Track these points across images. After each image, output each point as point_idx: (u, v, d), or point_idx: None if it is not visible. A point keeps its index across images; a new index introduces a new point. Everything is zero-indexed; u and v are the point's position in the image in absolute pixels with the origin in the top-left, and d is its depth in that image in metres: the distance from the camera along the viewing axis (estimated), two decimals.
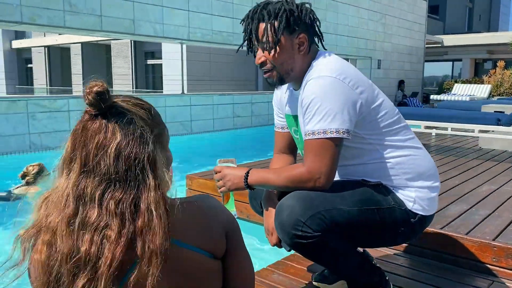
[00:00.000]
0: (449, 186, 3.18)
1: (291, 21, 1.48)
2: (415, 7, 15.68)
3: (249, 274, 1.11)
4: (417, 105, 13.77)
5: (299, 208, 1.39)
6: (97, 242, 0.82)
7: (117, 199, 0.84)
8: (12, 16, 5.98)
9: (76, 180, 0.86)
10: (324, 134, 1.41)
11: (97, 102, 0.85)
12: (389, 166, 1.53)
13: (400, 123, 1.56)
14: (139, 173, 0.86)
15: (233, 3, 8.90)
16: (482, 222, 2.37)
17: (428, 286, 1.94)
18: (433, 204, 1.59)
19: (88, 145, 0.85)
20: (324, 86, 1.42)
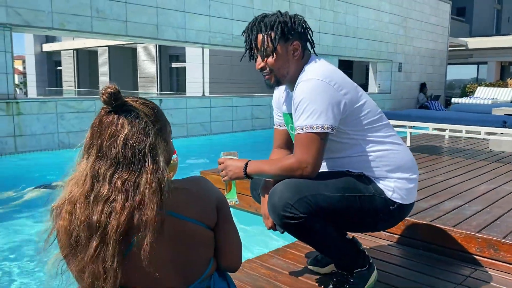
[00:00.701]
0: (449, 184, 3.33)
1: (285, 31, 1.70)
2: (438, 10, 15.60)
3: (235, 242, 1.33)
4: (438, 108, 13.71)
5: (288, 192, 1.60)
6: (106, 212, 1.04)
7: (123, 179, 1.06)
8: (44, 22, 6.37)
9: (93, 163, 1.09)
10: (311, 129, 1.61)
11: (109, 101, 1.08)
12: (371, 159, 1.72)
13: (381, 122, 1.76)
14: (141, 158, 1.08)
15: (253, 8, 9.15)
16: (472, 217, 2.52)
17: (416, 273, 2.12)
18: (411, 194, 1.77)
19: (103, 135, 1.08)
20: (312, 87, 1.63)
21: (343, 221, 1.73)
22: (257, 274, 2.07)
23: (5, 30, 6.05)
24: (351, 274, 1.78)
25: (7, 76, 6.12)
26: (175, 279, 1.18)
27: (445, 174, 3.73)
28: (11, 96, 6.14)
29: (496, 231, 2.28)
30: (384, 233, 2.52)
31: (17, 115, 6.17)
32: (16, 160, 6.15)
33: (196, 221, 1.17)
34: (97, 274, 1.05)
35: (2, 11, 5.97)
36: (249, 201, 3.27)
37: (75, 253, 1.06)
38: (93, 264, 1.04)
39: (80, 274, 1.07)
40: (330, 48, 11.15)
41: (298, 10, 10.20)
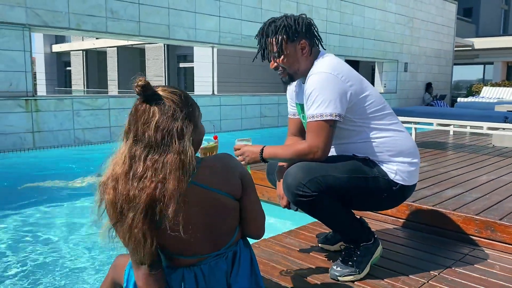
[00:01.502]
0: (451, 175, 3.51)
1: (289, 33, 1.90)
2: (444, 11, 15.73)
3: (258, 212, 1.52)
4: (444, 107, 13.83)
5: (301, 173, 1.80)
6: (139, 188, 1.23)
7: (154, 159, 1.25)
8: (61, 22, 6.62)
9: (130, 146, 1.28)
10: (321, 117, 1.81)
11: (141, 92, 1.26)
12: (375, 145, 1.91)
13: (385, 111, 1.95)
14: (169, 141, 1.26)
15: (261, 9, 9.35)
16: (472, 202, 2.71)
17: (418, 252, 2.31)
18: (412, 176, 1.96)
19: (138, 122, 1.27)
20: (321, 80, 1.82)
21: (350, 200, 1.92)
22: (273, 251, 2.27)
23: (25, 30, 6.29)
24: (358, 248, 1.97)
25: (26, 74, 6.36)
26: (206, 244, 1.38)
27: (448, 166, 3.91)
28: (30, 94, 6.38)
29: (493, 214, 2.47)
30: (390, 217, 2.71)
31: (36, 112, 6.41)
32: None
33: (221, 191, 1.36)
34: (137, 240, 1.24)
35: (22, 12, 6.22)
36: (262, 191, 3.47)
37: (121, 223, 1.25)
38: (132, 231, 1.23)
39: (125, 240, 1.27)
40: (336, 48, 11.33)
41: (305, 11, 10.40)
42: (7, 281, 2.69)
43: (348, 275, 1.93)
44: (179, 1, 8.03)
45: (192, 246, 1.36)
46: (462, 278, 1.98)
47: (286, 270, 2.04)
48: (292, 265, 2.10)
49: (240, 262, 1.47)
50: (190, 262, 1.38)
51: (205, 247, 1.39)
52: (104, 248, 3.12)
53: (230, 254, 1.45)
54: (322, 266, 2.08)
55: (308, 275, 1.99)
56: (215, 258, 1.41)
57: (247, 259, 1.50)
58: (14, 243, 3.37)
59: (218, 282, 1.39)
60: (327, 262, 2.13)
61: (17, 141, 6.26)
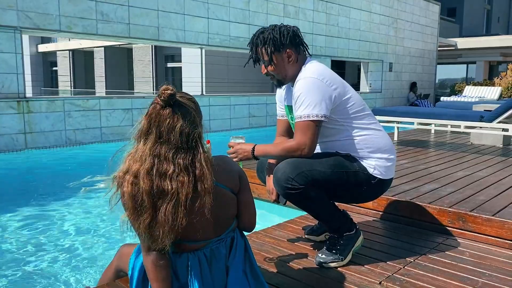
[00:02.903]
0: (430, 171, 3.74)
1: (276, 45, 2.09)
2: (428, 11, 16.09)
3: (251, 206, 1.71)
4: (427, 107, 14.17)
5: (289, 168, 1.99)
6: (176, 185, 1.39)
7: (184, 159, 1.42)
8: (52, 25, 6.72)
9: (153, 146, 1.43)
10: (308, 117, 2.00)
11: (168, 100, 1.42)
12: (356, 142, 2.11)
13: (365, 111, 2.15)
14: (193, 144, 1.44)
15: (249, 11, 9.53)
16: (446, 196, 2.92)
17: (396, 241, 2.51)
18: (389, 171, 2.16)
19: (162, 125, 1.42)
20: (308, 84, 2.02)
21: (334, 192, 2.12)
22: (263, 242, 2.46)
23: (16, 32, 6.39)
24: (341, 237, 2.17)
25: (18, 76, 6.46)
26: (211, 230, 1.57)
27: (428, 163, 4.14)
28: (21, 95, 6.48)
29: (465, 206, 2.69)
30: (371, 211, 2.92)
31: (27, 113, 6.51)
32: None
33: (225, 186, 1.55)
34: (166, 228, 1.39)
35: (13, 14, 6.31)
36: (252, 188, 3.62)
37: (140, 214, 1.40)
38: (163, 221, 1.39)
39: (147, 230, 1.41)
40: (323, 49, 11.56)
41: (292, 12, 10.61)
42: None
43: (332, 262, 2.12)
44: (169, 3, 8.17)
45: (200, 233, 1.53)
46: (435, 263, 2.19)
47: (270, 258, 2.24)
48: (280, 253, 2.29)
49: (236, 247, 1.65)
50: (195, 247, 1.56)
51: (210, 233, 1.57)
52: (98, 249, 3.30)
53: (229, 239, 1.64)
54: (308, 254, 2.28)
55: (296, 263, 2.18)
56: (216, 243, 1.59)
57: (242, 245, 1.69)
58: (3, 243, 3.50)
59: (219, 264, 1.57)
60: (312, 251, 2.32)
61: (9, 142, 6.35)
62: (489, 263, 2.20)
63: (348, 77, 21.81)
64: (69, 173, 5.99)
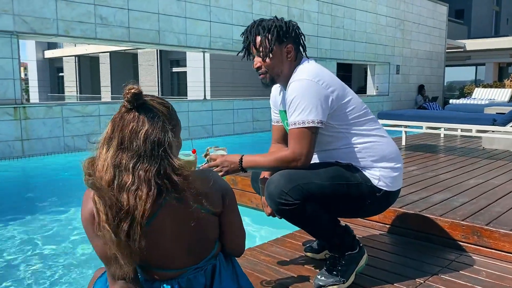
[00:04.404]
0: (440, 179, 3.50)
1: (280, 34, 1.88)
2: (435, 13, 15.82)
3: (238, 228, 1.49)
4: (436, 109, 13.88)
5: (283, 181, 1.77)
6: (132, 200, 1.19)
7: (145, 170, 1.21)
8: (49, 29, 6.58)
9: (114, 153, 1.23)
10: (303, 124, 1.79)
11: (132, 100, 1.23)
12: (357, 151, 1.89)
13: (366, 116, 1.93)
14: (160, 153, 1.23)
15: (252, 13, 9.36)
16: (458, 207, 2.69)
17: (405, 258, 2.29)
18: (395, 181, 1.94)
19: (124, 130, 1.23)
20: (303, 86, 1.81)
21: (334, 207, 1.90)
22: (257, 260, 2.24)
23: (12, 37, 6.25)
24: (343, 257, 1.95)
25: (14, 82, 6.32)
26: (185, 257, 1.35)
27: (437, 170, 3.90)
28: (18, 101, 6.34)
29: (480, 219, 2.45)
30: (377, 223, 2.69)
31: (24, 119, 6.36)
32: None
33: (200, 206, 1.33)
34: (124, 251, 1.19)
35: (9, 19, 6.17)
36: (250, 197, 3.45)
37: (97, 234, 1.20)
38: (121, 243, 1.19)
39: (105, 252, 1.22)
40: (328, 51, 11.35)
41: (297, 15, 10.41)
42: None
43: (332, 285, 1.90)
44: (170, 6, 8.01)
45: (170, 260, 1.33)
46: (448, 285, 1.96)
47: (268, 280, 2.01)
48: (276, 274, 2.07)
49: (221, 276, 1.44)
50: (168, 276, 1.35)
51: (184, 261, 1.36)
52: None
53: (209, 267, 1.42)
54: (306, 275, 2.05)
55: (291, 285, 1.96)
56: (194, 272, 1.38)
57: (229, 273, 1.47)
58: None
59: None
60: (311, 271, 2.10)
61: (6, 149, 6.21)
62: (509, 284, 1.97)
63: (355, 80, 21.56)
64: (67, 180, 5.83)
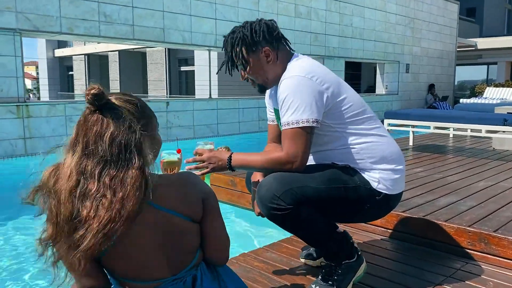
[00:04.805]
0: (447, 181, 3.36)
1: (247, 43, 1.77)
2: (446, 11, 15.55)
3: (221, 236, 1.38)
4: (447, 108, 13.65)
5: (275, 185, 1.66)
6: (94, 208, 1.09)
7: (111, 175, 1.11)
8: (52, 27, 6.52)
9: (79, 160, 1.13)
10: (297, 124, 1.67)
11: (93, 101, 1.12)
12: (355, 151, 1.77)
13: (365, 114, 1.81)
14: (128, 155, 1.12)
15: (258, 11, 9.23)
16: (465, 212, 2.55)
17: (407, 266, 2.16)
18: (397, 184, 1.81)
19: (88, 133, 1.13)
20: (295, 84, 1.69)
21: (331, 212, 1.78)
22: (250, 267, 2.13)
23: (15, 35, 6.20)
24: (339, 265, 1.83)
25: (17, 80, 6.27)
26: (162, 268, 1.24)
27: (445, 171, 3.76)
28: (21, 100, 6.29)
29: (487, 225, 2.32)
30: (378, 228, 2.57)
31: (27, 118, 6.31)
32: None
33: (177, 213, 1.22)
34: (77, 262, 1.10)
35: (12, 16, 6.13)
36: (249, 199, 3.33)
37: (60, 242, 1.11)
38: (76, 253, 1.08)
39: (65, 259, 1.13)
40: (336, 50, 11.19)
41: (304, 13, 10.27)
42: None
43: None
44: (174, 4, 7.92)
45: (146, 270, 1.23)
46: None
47: None
48: (269, 283, 1.96)
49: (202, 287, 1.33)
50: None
51: (161, 271, 1.25)
52: None
53: (189, 278, 1.31)
54: (300, 284, 1.94)
55: None
56: (172, 283, 1.27)
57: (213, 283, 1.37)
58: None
59: None
60: (306, 280, 1.99)
61: (8, 147, 6.16)
62: None
63: (364, 79, 21.35)
64: None
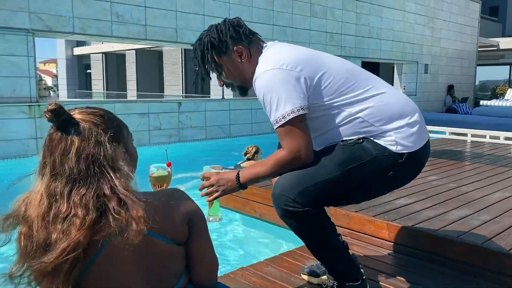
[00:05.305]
0: (461, 191, 3.21)
1: (216, 47, 1.68)
2: (467, 10, 15.19)
3: (209, 260, 1.28)
4: (466, 111, 13.31)
5: (288, 185, 1.59)
6: (65, 229, 1.01)
7: (81, 194, 1.03)
8: (65, 27, 6.53)
9: (48, 182, 1.05)
10: (284, 118, 1.56)
11: (52, 118, 1.05)
12: (358, 121, 1.63)
13: (353, 80, 1.65)
14: (98, 170, 1.04)
15: (273, 11, 9.12)
16: (479, 227, 2.41)
17: (415, 286, 2.04)
18: (418, 138, 1.65)
19: (54, 153, 1.05)
20: (266, 80, 1.59)
21: (356, 196, 1.70)
22: (248, 283, 2.04)
23: (28, 35, 6.22)
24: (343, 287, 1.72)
25: (30, 80, 6.29)
26: None
27: (459, 180, 3.59)
28: (33, 100, 6.31)
29: (502, 243, 2.17)
30: (385, 242, 2.44)
31: (39, 117, 6.33)
32: None
33: (159, 235, 1.13)
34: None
35: (25, 17, 6.15)
36: (253, 206, 3.24)
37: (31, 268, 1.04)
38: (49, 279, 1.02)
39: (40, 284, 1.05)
40: (352, 49, 11.00)
41: (319, 12, 10.12)
42: None
43: None
44: (188, 4, 7.87)
45: None
46: None
47: None
48: None
49: None
50: None
51: None
52: None
53: None
54: None
55: None
56: None
57: None
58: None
59: None
60: None
61: (20, 147, 6.19)
62: None
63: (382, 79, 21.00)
64: None
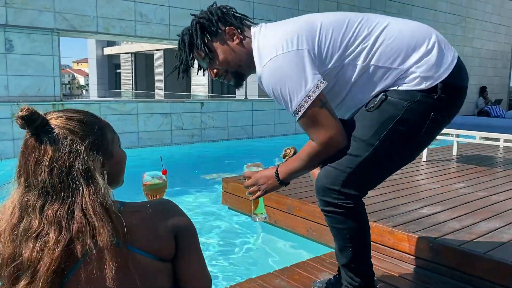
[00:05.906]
0: (491, 201, 3.00)
1: (208, 29, 1.56)
2: (502, 9, 14.62)
3: (199, 279, 1.17)
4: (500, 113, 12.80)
5: (331, 177, 1.53)
6: (38, 249, 0.92)
7: (54, 210, 0.94)
8: (89, 27, 6.57)
9: (21, 193, 0.98)
10: (303, 107, 1.44)
11: (24, 125, 0.96)
12: (374, 69, 1.48)
13: (354, 26, 1.51)
14: (71, 183, 0.95)
15: (298, 10, 8.99)
16: (509, 242, 2.22)
17: None
18: (441, 63, 1.49)
19: (28, 162, 0.97)
20: (268, 75, 1.47)
21: (403, 155, 1.58)
22: None
23: (53, 34, 6.28)
24: None
25: (54, 79, 6.36)
26: None
27: (490, 189, 3.37)
28: (57, 98, 6.37)
29: None
30: (406, 255, 2.28)
31: None
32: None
33: (142, 251, 1.03)
34: None
35: (50, 16, 6.21)
36: (268, 212, 3.11)
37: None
38: None
39: None
40: None
41: (346, 11, 9.90)
42: None
43: None
44: (211, 3, 7.79)
45: None
46: None
47: None
48: None
49: None
50: None
51: None
52: None
53: None
54: None
55: None
56: None
57: None
58: None
59: None
60: None
61: None
62: None
63: None
64: None
